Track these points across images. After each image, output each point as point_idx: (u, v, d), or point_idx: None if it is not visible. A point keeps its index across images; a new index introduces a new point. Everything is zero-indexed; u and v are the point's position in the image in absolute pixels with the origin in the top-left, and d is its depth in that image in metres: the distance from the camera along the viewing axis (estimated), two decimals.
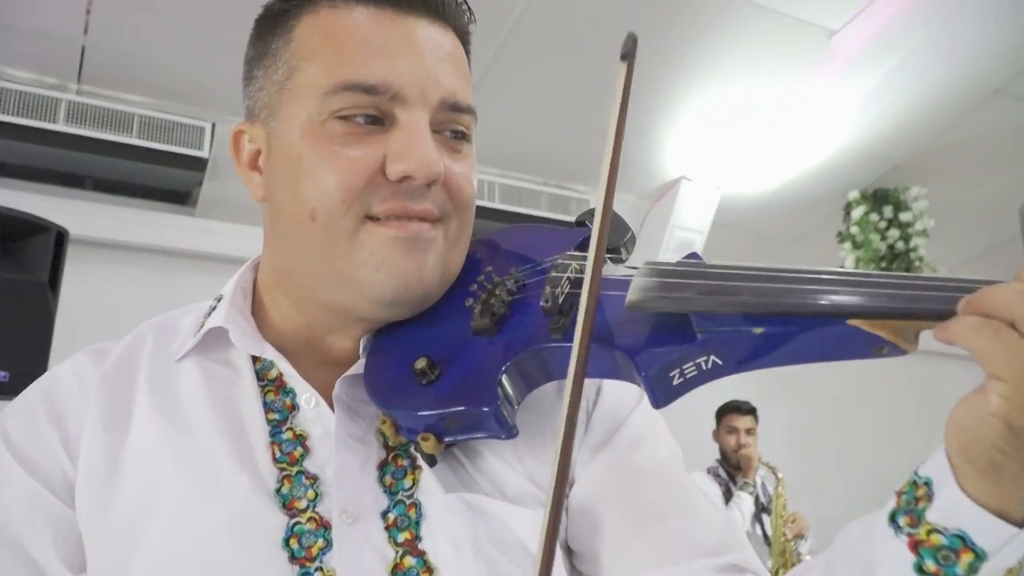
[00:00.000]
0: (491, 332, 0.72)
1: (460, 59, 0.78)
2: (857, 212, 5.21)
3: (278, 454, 0.72)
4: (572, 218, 3.60)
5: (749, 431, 4.00)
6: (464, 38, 0.81)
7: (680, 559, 0.71)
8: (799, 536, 3.79)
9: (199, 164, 4.28)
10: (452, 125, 0.76)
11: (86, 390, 0.76)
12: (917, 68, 4.36)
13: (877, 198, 5.28)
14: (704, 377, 0.66)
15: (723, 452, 4.04)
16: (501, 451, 0.70)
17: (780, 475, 3.89)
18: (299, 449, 0.72)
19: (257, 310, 0.82)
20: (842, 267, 5.24)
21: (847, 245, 5.22)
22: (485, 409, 0.67)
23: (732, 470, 4.06)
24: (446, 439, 0.69)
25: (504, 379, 0.68)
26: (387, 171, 0.71)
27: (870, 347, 0.61)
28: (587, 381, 0.72)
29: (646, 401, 0.76)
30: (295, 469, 0.71)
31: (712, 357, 0.64)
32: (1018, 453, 0.54)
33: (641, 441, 0.79)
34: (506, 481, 0.73)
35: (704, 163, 5.09)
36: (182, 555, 0.66)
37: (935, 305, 0.58)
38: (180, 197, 4.70)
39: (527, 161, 4.97)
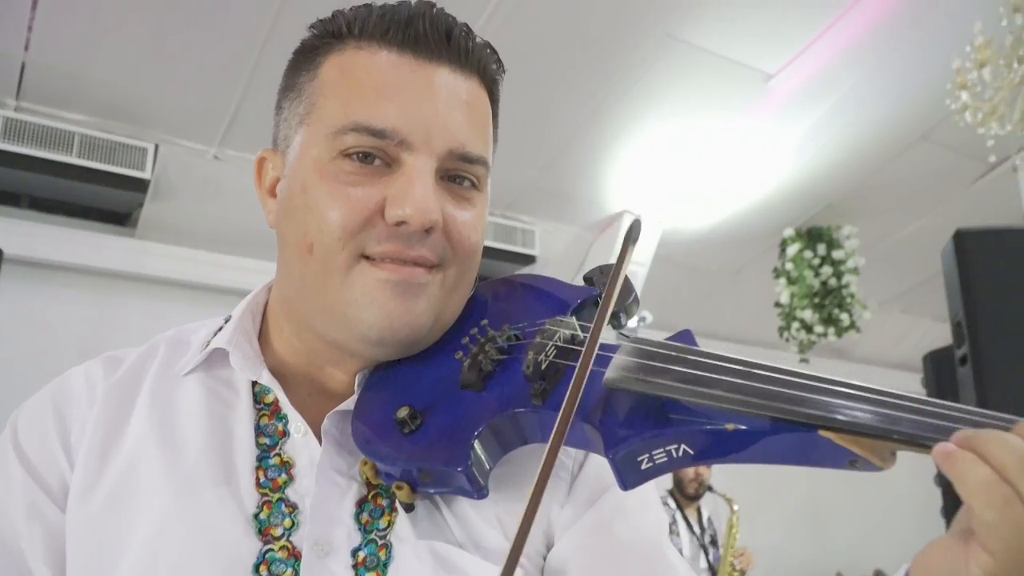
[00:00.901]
0: (477, 388, 0.72)
1: (478, 108, 0.78)
2: (792, 249, 5.38)
3: (262, 479, 0.72)
4: (518, 249, 3.66)
5: None
6: (490, 87, 0.82)
7: None
8: (744, 571, 3.86)
9: (141, 185, 4.22)
10: (461, 174, 0.77)
11: (93, 400, 0.78)
12: (850, 112, 4.55)
13: (811, 236, 5.46)
14: (674, 464, 0.65)
15: (677, 481, 4.11)
16: (481, 505, 0.68)
17: (735, 507, 3.96)
18: (283, 476, 0.73)
19: (264, 332, 0.83)
20: (777, 302, 5.40)
21: (782, 280, 5.38)
22: (458, 469, 0.67)
23: (683, 499, 4.13)
24: (419, 490, 0.70)
25: (477, 442, 0.68)
26: (385, 214, 0.72)
27: (843, 459, 0.59)
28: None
29: None
30: (276, 496, 0.71)
31: (683, 446, 0.63)
32: None
33: (625, 510, 0.78)
34: (482, 535, 0.72)
35: (646, 197, 5.20)
36: (157, 568, 0.67)
37: (911, 430, 0.55)
38: (120, 218, 4.63)
39: None
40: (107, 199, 4.41)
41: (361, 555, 0.70)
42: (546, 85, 4.30)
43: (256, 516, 0.70)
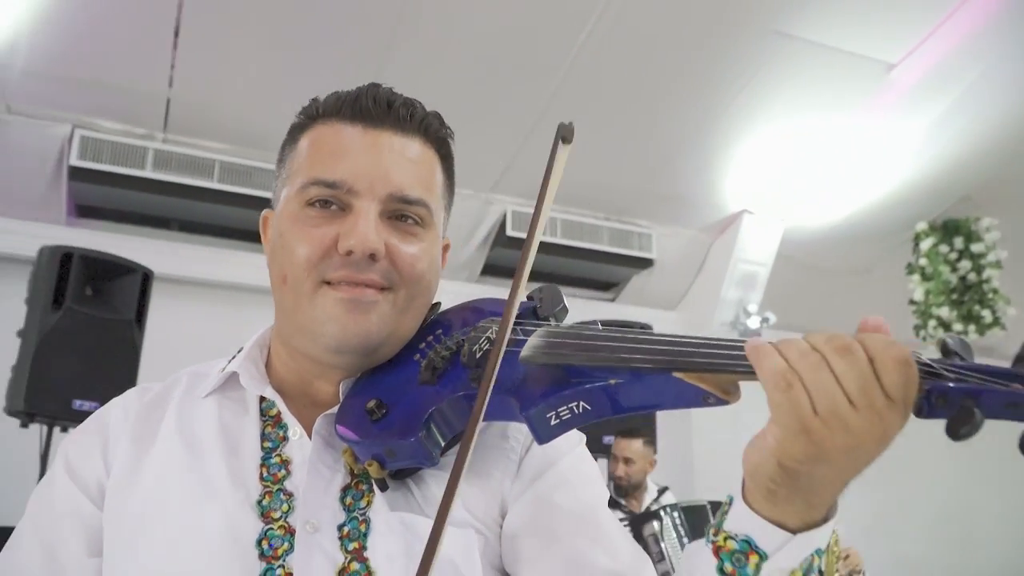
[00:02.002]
0: (432, 382, 0.87)
1: (421, 161, 0.93)
2: (926, 244, 5.13)
3: (265, 474, 0.88)
4: (635, 253, 3.72)
5: None
6: (436, 144, 0.97)
7: None
8: (855, 572, 3.72)
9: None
10: (404, 212, 0.91)
11: (127, 416, 0.95)
12: (980, 100, 4.32)
13: (947, 229, 5.20)
14: (577, 419, 0.77)
15: None
16: (443, 482, 0.77)
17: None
18: (283, 471, 0.89)
19: (269, 359, 1.00)
20: (911, 300, 5.17)
21: (915, 277, 5.15)
22: (411, 440, 0.82)
23: None
24: (387, 466, 0.84)
25: (429, 420, 0.83)
26: (338, 246, 0.87)
27: (698, 397, 0.72)
28: (518, 427, 0.93)
29: (580, 450, 0.96)
30: (276, 487, 0.87)
31: (582, 403, 0.76)
32: (785, 483, 0.67)
33: (566, 482, 0.92)
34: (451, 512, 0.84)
35: (766, 197, 5.11)
36: (181, 545, 0.83)
37: (736, 361, 0.69)
38: (259, 237, 4.95)
39: (587, 197, 5.08)
40: (245, 220, 4.75)
41: (345, 530, 0.85)
42: (654, 90, 4.32)
43: (259, 502, 0.86)
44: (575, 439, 0.96)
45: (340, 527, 0.84)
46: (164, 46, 3.84)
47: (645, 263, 5.28)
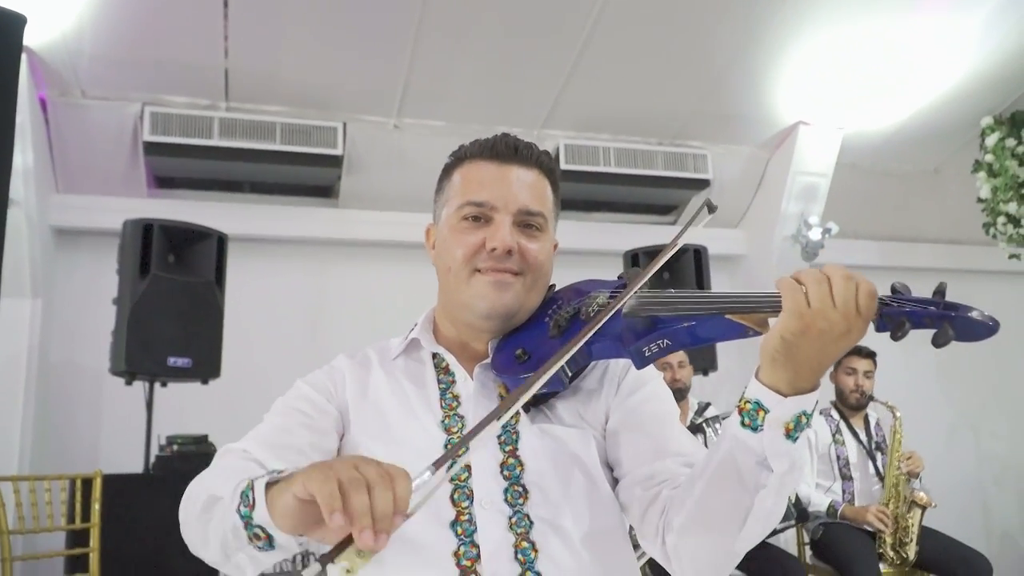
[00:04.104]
0: (558, 336, 1.22)
1: (537, 185, 1.31)
2: (992, 139, 4.97)
3: (443, 404, 1.27)
4: (690, 175, 3.88)
5: (867, 373, 4.03)
6: (548, 172, 1.34)
7: (661, 457, 1.20)
8: (913, 474, 3.79)
9: (336, 161, 4.74)
10: (528, 222, 1.29)
11: (348, 368, 1.34)
12: None
13: (1015, 121, 5.01)
14: (663, 352, 1.11)
15: (839, 392, 4.09)
16: (567, 404, 1.23)
17: (898, 414, 3.88)
18: (455, 403, 1.27)
19: (436, 327, 1.39)
20: (979, 198, 5.05)
21: (982, 174, 5.01)
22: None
23: (847, 410, 4.10)
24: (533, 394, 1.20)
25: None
26: (485, 245, 1.25)
27: (742, 331, 1.03)
28: (617, 363, 1.32)
29: (660, 380, 1.34)
30: (452, 413, 1.25)
31: (665, 340, 1.10)
32: (782, 351, 0.95)
33: (652, 397, 1.30)
34: (566, 419, 1.26)
35: (821, 105, 5.03)
36: (400, 446, 1.21)
37: (766, 303, 1.00)
38: (324, 191, 5.20)
39: (639, 124, 5.11)
40: (310, 176, 4.98)
41: (502, 438, 1.22)
42: (699, 9, 4.29)
43: (442, 422, 1.24)
44: (655, 373, 1.34)
45: (498, 437, 1.21)
46: (216, 19, 4.04)
47: (702, 184, 5.29)
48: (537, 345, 1.23)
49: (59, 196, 4.58)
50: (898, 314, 0.93)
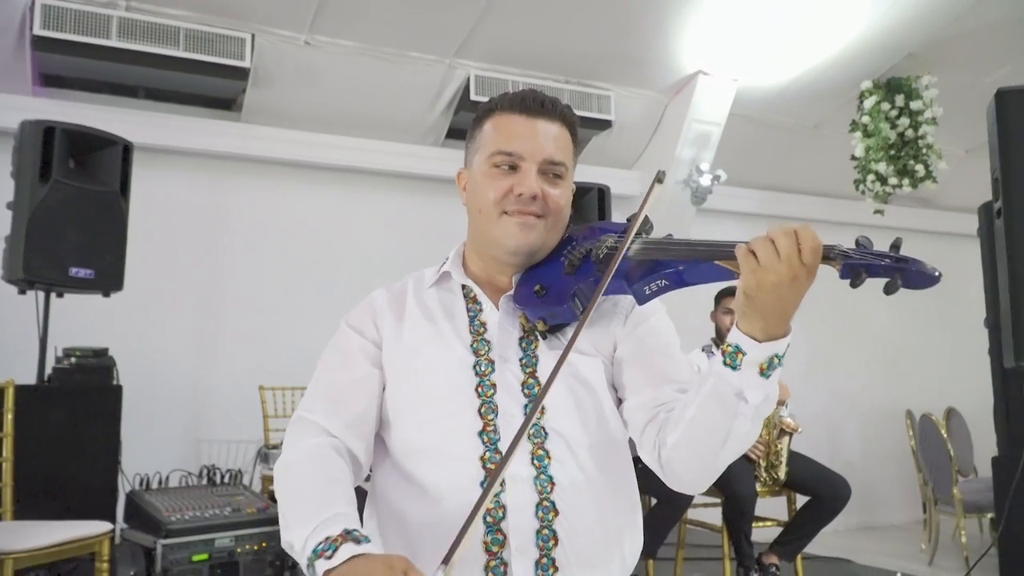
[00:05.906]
0: (572, 273, 1.37)
1: (561, 138, 1.44)
2: (869, 102, 5.36)
3: (471, 330, 1.42)
4: (594, 115, 4.03)
5: None
6: (569, 127, 1.46)
7: (660, 385, 1.36)
8: (781, 401, 4.16)
9: (242, 73, 4.59)
10: (551, 170, 1.42)
11: (385, 300, 1.49)
12: None
13: (890, 87, 5.42)
14: (662, 290, 1.28)
15: (718, 331, 4.41)
16: (582, 334, 1.29)
17: None
18: (482, 329, 1.42)
19: (465, 262, 1.53)
20: (852, 156, 5.46)
21: (858, 134, 5.41)
22: (564, 306, 1.34)
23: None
24: (548, 323, 1.37)
25: (574, 293, 1.35)
26: (513, 191, 1.39)
27: (728, 275, 1.18)
28: (625, 299, 1.44)
29: (662, 314, 1.47)
30: (480, 338, 1.41)
31: (664, 280, 1.26)
32: (748, 305, 1.12)
33: (655, 330, 1.45)
34: (582, 347, 1.39)
35: (720, 57, 5.26)
36: (435, 369, 1.37)
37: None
38: (226, 104, 5.03)
39: (550, 61, 5.20)
40: (213, 87, 4.81)
41: (523, 360, 1.38)
42: None
43: (471, 345, 1.40)
44: (659, 307, 1.48)
45: (520, 359, 1.39)
46: None
47: (604, 124, 5.46)
48: (553, 281, 1.39)
49: None
50: (858, 265, 1.06)
